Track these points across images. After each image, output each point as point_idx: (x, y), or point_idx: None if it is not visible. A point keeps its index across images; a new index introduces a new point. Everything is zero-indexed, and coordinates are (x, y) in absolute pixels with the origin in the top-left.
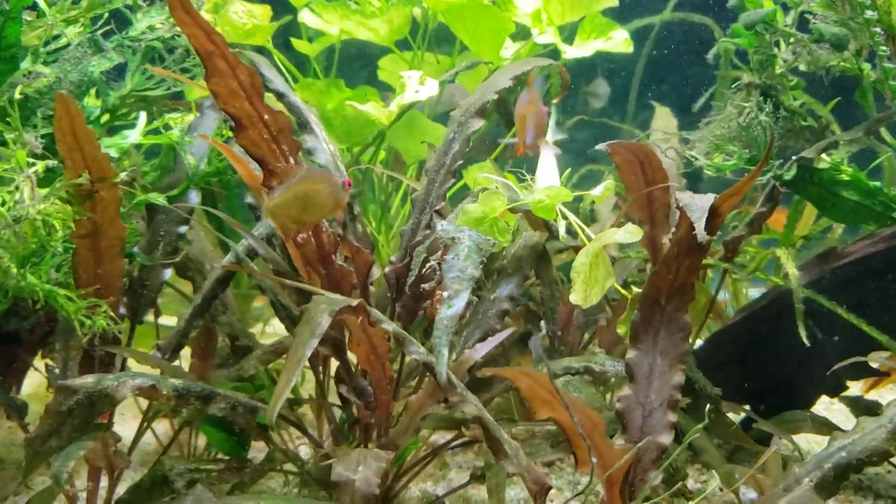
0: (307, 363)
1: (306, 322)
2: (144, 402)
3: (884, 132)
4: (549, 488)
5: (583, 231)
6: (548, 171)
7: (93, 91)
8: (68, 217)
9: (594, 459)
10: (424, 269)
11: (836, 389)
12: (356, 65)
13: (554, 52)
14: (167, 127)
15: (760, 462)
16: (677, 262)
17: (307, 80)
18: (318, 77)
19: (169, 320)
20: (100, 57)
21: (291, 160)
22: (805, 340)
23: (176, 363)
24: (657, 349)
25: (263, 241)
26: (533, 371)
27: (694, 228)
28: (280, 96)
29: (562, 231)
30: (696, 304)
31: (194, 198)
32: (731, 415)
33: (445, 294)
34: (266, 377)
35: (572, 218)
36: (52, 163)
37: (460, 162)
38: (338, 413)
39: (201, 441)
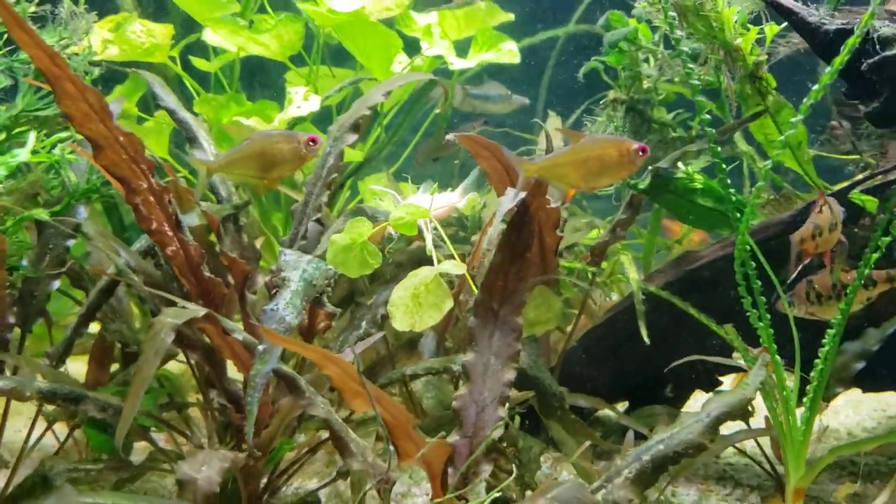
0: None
1: (151, 339)
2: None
3: (739, 139)
4: (394, 483)
5: (439, 244)
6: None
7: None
8: None
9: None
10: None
11: (710, 385)
12: None
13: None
14: (57, 145)
15: (623, 455)
16: (503, 269)
17: (207, 96)
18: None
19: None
20: None
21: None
22: (646, 339)
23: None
24: (492, 350)
25: (141, 254)
26: (340, 359)
27: (515, 232)
28: (171, 113)
29: (428, 244)
30: (552, 306)
31: (83, 212)
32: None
33: (261, 348)
34: (156, 382)
35: (435, 233)
36: None
37: (335, 175)
38: None
39: None
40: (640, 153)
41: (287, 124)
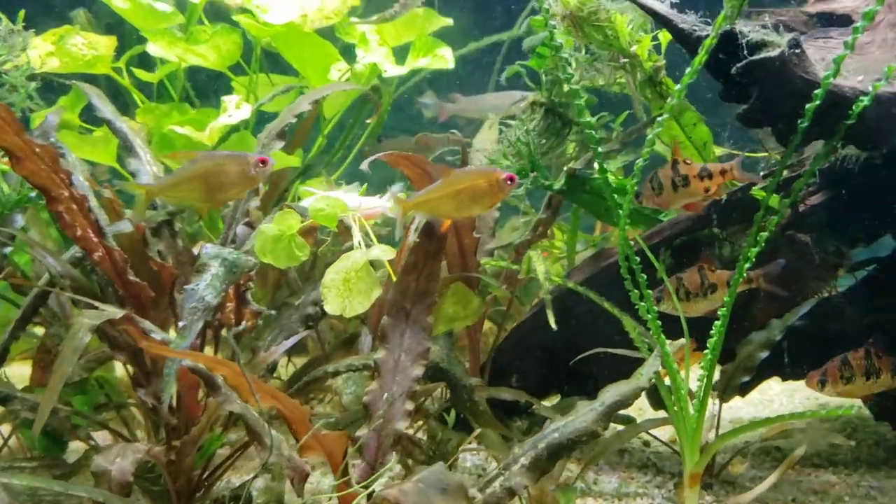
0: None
1: (70, 338)
2: None
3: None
4: (307, 475)
5: (368, 242)
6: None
7: None
8: None
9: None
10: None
11: None
12: None
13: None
14: None
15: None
16: (416, 270)
17: (150, 105)
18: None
19: None
20: None
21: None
22: (553, 325)
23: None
24: (402, 348)
25: (71, 262)
26: (228, 361)
27: (427, 238)
28: (108, 123)
29: (356, 240)
30: (470, 303)
31: (20, 220)
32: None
33: (181, 324)
34: (95, 383)
35: (360, 228)
36: None
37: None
38: None
39: None
40: (509, 182)
41: (221, 132)
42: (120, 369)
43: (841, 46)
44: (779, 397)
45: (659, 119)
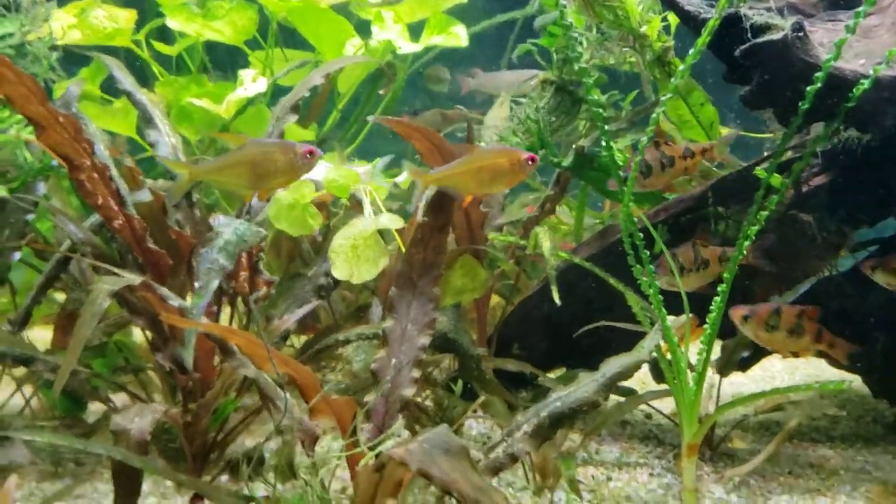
0: None
1: (90, 303)
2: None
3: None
4: (318, 438)
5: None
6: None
7: None
8: None
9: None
10: None
11: None
12: None
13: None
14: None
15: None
16: (423, 243)
17: (169, 78)
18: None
19: None
20: None
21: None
22: (557, 300)
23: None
24: (409, 317)
25: (91, 229)
26: (243, 331)
27: (434, 213)
28: (128, 95)
29: (366, 210)
30: (478, 276)
31: (41, 189)
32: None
33: (197, 284)
34: (114, 346)
35: (372, 200)
36: None
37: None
38: None
39: None
40: (530, 162)
41: (237, 105)
42: (138, 334)
43: None
44: (780, 374)
45: (663, 99)
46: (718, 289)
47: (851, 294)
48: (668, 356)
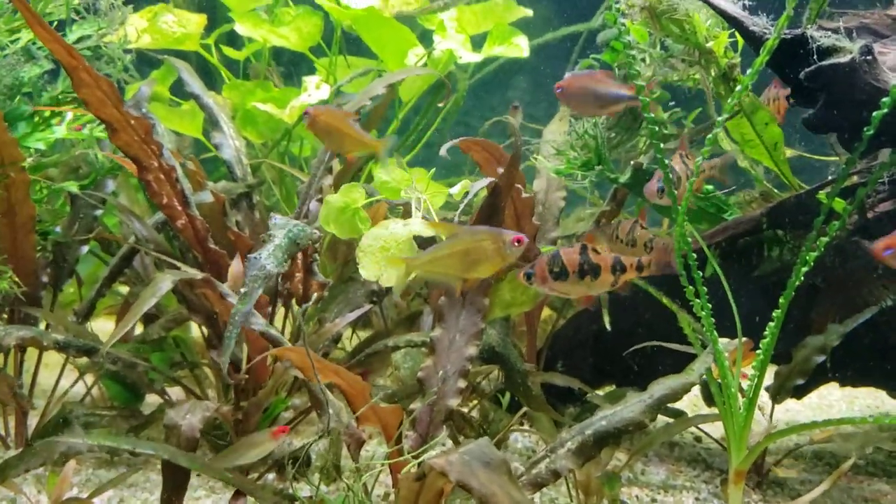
0: None
1: (151, 286)
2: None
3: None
4: (363, 442)
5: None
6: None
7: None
8: None
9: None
10: None
11: None
12: None
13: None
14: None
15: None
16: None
17: (235, 82)
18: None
19: None
20: (31, 64)
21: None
22: (607, 324)
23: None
24: (458, 328)
25: (160, 226)
26: (293, 348)
27: (483, 221)
28: (195, 98)
29: (417, 217)
30: (528, 290)
31: (110, 186)
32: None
33: (243, 290)
34: (172, 342)
35: (426, 209)
36: None
37: (335, 160)
38: None
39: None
40: (516, 244)
41: (301, 111)
42: (196, 331)
43: None
44: (838, 403)
45: (720, 119)
46: (773, 314)
47: None
48: (719, 380)
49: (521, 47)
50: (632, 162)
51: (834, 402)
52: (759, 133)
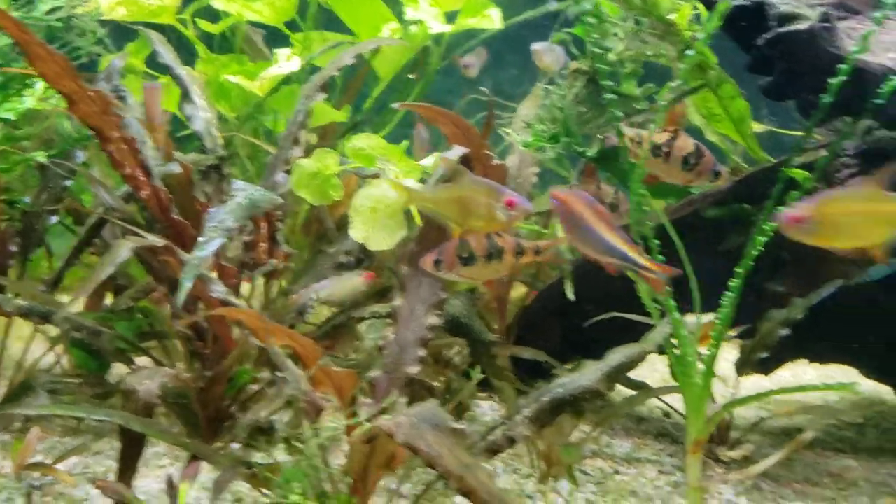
0: None
1: (110, 252)
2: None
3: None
4: (322, 410)
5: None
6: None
7: None
8: None
9: None
10: None
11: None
12: None
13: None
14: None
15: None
16: (437, 225)
17: (210, 56)
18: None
19: None
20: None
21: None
22: (570, 294)
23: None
24: (419, 297)
25: (124, 198)
26: (244, 310)
27: None
28: (168, 69)
29: (388, 178)
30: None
31: (81, 157)
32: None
33: (201, 238)
34: (141, 312)
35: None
36: None
37: (303, 130)
38: None
39: None
40: (508, 206)
41: (272, 83)
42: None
43: None
44: (812, 381)
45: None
46: (730, 284)
47: (883, 302)
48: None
49: (492, 19)
50: (598, 136)
51: (808, 381)
52: (725, 107)
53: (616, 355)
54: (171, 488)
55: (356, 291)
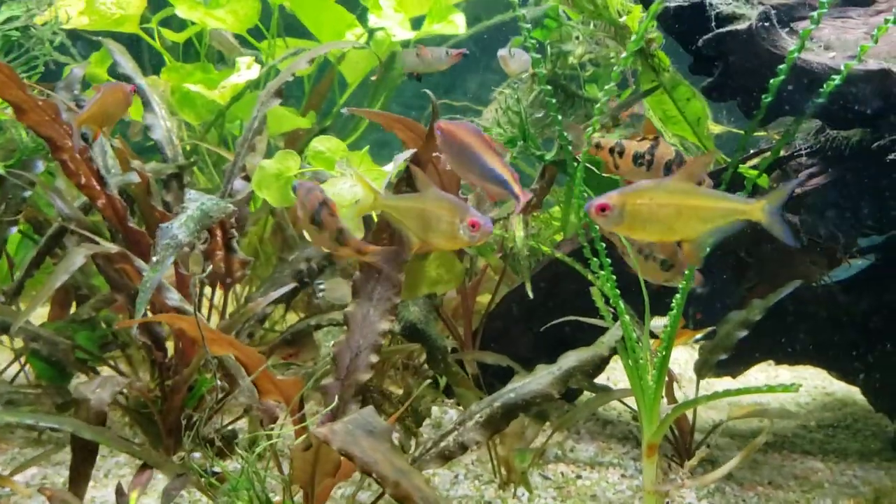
0: None
1: (64, 260)
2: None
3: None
4: (276, 418)
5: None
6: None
7: None
8: None
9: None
10: None
11: None
12: None
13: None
14: None
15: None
16: (388, 227)
17: (175, 64)
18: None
19: None
20: None
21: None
22: (530, 293)
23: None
24: (372, 302)
25: (83, 208)
26: (185, 318)
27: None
28: (128, 79)
29: (347, 181)
30: (454, 267)
31: (40, 166)
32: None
33: (154, 259)
34: (103, 322)
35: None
36: None
37: (259, 137)
38: None
39: None
40: (470, 228)
41: (233, 91)
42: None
43: (859, 27)
44: (785, 384)
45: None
46: (679, 286)
47: (842, 302)
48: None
49: (457, 24)
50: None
51: (782, 382)
52: (680, 109)
53: (569, 359)
54: (121, 496)
55: None
